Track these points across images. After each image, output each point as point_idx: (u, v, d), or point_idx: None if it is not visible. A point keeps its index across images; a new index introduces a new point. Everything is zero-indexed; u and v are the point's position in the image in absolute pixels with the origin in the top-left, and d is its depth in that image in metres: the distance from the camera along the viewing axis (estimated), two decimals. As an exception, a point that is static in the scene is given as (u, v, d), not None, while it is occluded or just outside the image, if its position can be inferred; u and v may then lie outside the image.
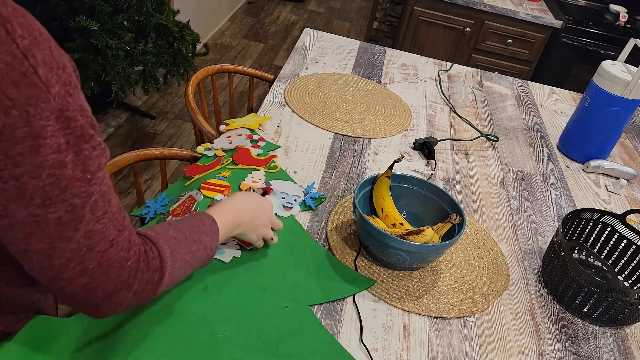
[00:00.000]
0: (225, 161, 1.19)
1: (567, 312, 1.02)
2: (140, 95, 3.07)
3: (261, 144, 1.27)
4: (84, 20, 2.06)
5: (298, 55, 1.80)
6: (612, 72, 1.38)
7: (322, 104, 1.53)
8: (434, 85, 1.79)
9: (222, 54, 3.80)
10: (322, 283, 0.95)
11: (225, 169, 1.16)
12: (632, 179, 1.48)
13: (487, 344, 0.92)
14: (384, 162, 1.34)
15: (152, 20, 2.28)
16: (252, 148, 1.24)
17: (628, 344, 0.98)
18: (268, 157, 1.22)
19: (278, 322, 0.86)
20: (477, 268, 1.07)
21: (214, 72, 1.65)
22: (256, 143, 1.27)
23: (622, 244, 1.13)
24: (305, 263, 0.98)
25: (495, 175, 1.39)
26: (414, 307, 0.95)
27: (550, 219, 1.27)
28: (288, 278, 0.94)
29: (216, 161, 1.19)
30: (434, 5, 2.81)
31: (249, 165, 1.18)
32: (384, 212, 1.09)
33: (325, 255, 1.01)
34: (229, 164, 1.18)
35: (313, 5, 5.09)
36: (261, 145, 1.26)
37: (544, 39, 2.79)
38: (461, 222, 1.00)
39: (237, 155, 1.21)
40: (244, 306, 0.88)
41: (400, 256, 0.95)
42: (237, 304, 0.88)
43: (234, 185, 1.12)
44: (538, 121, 1.71)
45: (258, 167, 1.18)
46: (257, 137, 1.29)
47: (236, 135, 1.29)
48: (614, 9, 2.92)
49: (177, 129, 2.88)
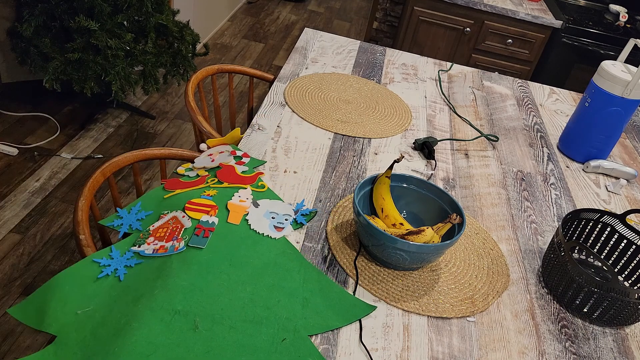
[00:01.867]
0: (210, 180, 1.13)
1: (567, 312, 1.02)
2: (140, 95, 3.07)
3: (245, 160, 1.21)
4: (84, 20, 2.06)
5: (298, 55, 1.80)
6: (612, 72, 1.38)
7: (322, 104, 1.53)
8: (434, 85, 1.79)
9: (222, 54, 3.80)
10: (320, 310, 0.89)
11: (209, 188, 1.11)
12: (632, 179, 1.48)
13: (487, 344, 0.92)
14: (384, 162, 1.34)
15: (152, 20, 2.28)
16: (237, 165, 1.19)
17: (628, 344, 0.98)
18: (254, 175, 1.17)
19: (276, 358, 0.80)
20: (477, 268, 1.07)
21: (214, 72, 1.65)
22: (240, 159, 1.20)
23: (622, 244, 1.13)
24: (300, 288, 0.92)
25: (495, 175, 1.39)
26: (414, 307, 0.95)
27: (550, 219, 1.27)
28: (284, 306, 0.88)
29: (200, 179, 1.14)
30: (434, 5, 2.81)
31: (234, 183, 1.13)
32: (384, 212, 1.09)
33: (321, 277, 0.96)
34: (214, 183, 1.12)
35: (313, 5, 5.09)
36: (245, 161, 1.20)
37: (544, 39, 2.79)
38: (461, 222, 1.00)
39: (221, 173, 1.15)
40: (238, 343, 0.81)
41: (400, 256, 0.95)
42: (232, 342, 0.81)
43: (221, 205, 1.06)
44: (538, 121, 1.71)
45: (244, 185, 1.13)
46: (241, 152, 1.23)
47: (217, 152, 1.22)
48: (614, 9, 2.92)
49: (177, 129, 2.88)
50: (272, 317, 0.86)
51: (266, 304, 0.89)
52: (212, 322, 0.84)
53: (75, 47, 2.14)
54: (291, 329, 0.85)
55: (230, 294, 0.89)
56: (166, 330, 0.81)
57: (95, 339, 0.79)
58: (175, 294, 0.86)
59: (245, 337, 0.83)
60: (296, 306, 0.89)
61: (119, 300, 0.85)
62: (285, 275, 0.94)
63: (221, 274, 0.92)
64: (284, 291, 0.91)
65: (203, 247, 0.94)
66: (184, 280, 0.89)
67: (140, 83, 2.35)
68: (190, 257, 0.93)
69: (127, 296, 0.86)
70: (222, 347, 0.80)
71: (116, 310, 0.83)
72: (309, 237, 1.06)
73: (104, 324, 0.81)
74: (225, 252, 0.96)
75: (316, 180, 1.22)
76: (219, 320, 0.84)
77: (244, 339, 0.82)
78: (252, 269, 0.94)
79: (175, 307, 0.85)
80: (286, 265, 0.96)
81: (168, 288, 0.87)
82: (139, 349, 0.78)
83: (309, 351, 0.83)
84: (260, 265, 0.95)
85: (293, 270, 0.96)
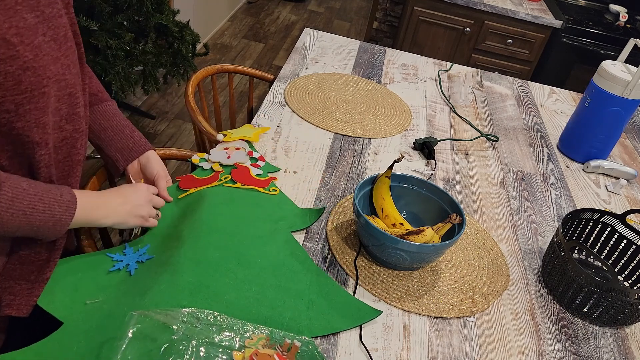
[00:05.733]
0: (223, 177, 1.14)
1: (567, 312, 1.02)
2: (140, 95, 3.07)
3: (261, 163, 1.22)
4: (84, 20, 2.06)
5: (298, 55, 1.80)
6: (612, 72, 1.38)
7: (322, 104, 1.53)
8: (434, 85, 1.79)
9: (222, 54, 3.80)
10: (325, 312, 0.89)
11: (222, 187, 1.12)
12: (632, 179, 1.48)
13: (487, 344, 0.92)
14: (384, 162, 1.34)
15: (152, 20, 2.28)
16: (252, 167, 1.19)
17: (628, 344, 0.98)
18: (268, 179, 1.17)
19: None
20: (477, 268, 1.07)
21: (214, 72, 1.65)
22: (256, 162, 1.22)
23: (622, 244, 1.13)
24: (307, 290, 0.92)
25: (495, 175, 1.39)
26: (414, 307, 0.95)
27: (550, 219, 1.26)
28: (289, 307, 0.88)
29: (213, 176, 1.15)
30: (434, 5, 2.81)
31: (247, 185, 1.14)
32: (384, 212, 1.09)
33: (328, 281, 0.95)
34: (227, 182, 1.13)
35: (313, 5, 5.09)
36: (261, 165, 1.21)
37: (544, 39, 2.79)
38: (461, 222, 1.00)
39: (235, 173, 1.16)
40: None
41: (400, 256, 0.95)
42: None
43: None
44: (538, 121, 1.71)
45: (258, 187, 1.14)
46: (257, 155, 1.24)
47: (234, 148, 1.23)
48: (614, 9, 2.92)
49: (177, 129, 2.88)
50: (276, 317, 0.86)
51: (271, 304, 0.89)
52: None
53: (75, 47, 2.14)
54: (295, 330, 0.85)
55: (236, 292, 0.89)
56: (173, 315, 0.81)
57: (100, 331, 0.79)
58: (182, 290, 0.87)
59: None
60: (301, 307, 0.89)
61: (127, 294, 0.86)
62: (292, 276, 0.95)
63: (228, 272, 0.92)
64: (290, 292, 0.91)
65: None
66: (191, 276, 0.89)
67: (140, 83, 2.34)
68: (200, 255, 0.94)
69: (135, 290, 0.86)
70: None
71: (123, 303, 0.84)
72: (309, 237, 1.06)
73: (110, 316, 0.82)
74: (235, 251, 0.96)
75: (316, 180, 1.22)
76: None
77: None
78: (259, 269, 0.94)
79: (181, 302, 0.85)
80: (294, 267, 0.97)
81: (175, 284, 0.87)
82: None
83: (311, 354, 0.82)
84: (267, 266, 0.95)
85: (300, 272, 0.96)
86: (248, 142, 1.28)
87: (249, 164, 1.20)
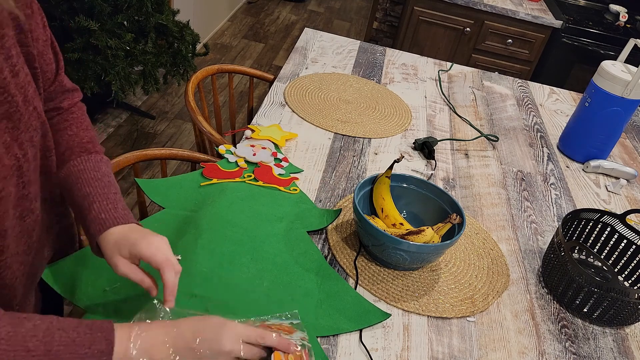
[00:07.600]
0: (246, 175, 1.17)
1: (567, 312, 1.02)
2: (140, 95, 3.07)
3: (284, 164, 1.24)
4: (84, 20, 2.06)
5: (298, 55, 1.80)
6: (612, 72, 1.38)
7: (322, 104, 1.53)
8: (434, 85, 1.79)
9: (222, 54, 3.80)
10: (332, 312, 0.90)
11: (244, 183, 1.14)
12: (632, 179, 1.48)
13: (487, 344, 0.92)
14: (384, 162, 1.34)
15: (152, 20, 2.28)
16: (275, 167, 1.21)
17: (628, 344, 0.98)
18: (289, 179, 1.19)
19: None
20: (477, 268, 1.07)
21: (214, 72, 1.65)
22: (279, 162, 1.24)
23: (622, 244, 1.13)
24: (316, 289, 0.93)
25: (495, 175, 1.39)
26: (414, 307, 0.95)
27: (550, 219, 1.26)
28: (297, 305, 0.90)
29: (237, 171, 1.17)
30: (434, 5, 2.81)
31: (269, 183, 1.15)
32: (384, 212, 1.09)
33: (339, 281, 0.96)
34: (250, 180, 1.15)
35: (313, 5, 5.09)
36: (284, 165, 1.23)
37: (544, 39, 2.79)
38: (461, 222, 1.00)
39: (258, 172, 1.18)
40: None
41: (400, 256, 0.95)
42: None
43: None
44: (538, 121, 1.71)
45: (279, 186, 1.15)
46: (282, 156, 1.26)
47: (260, 147, 1.26)
48: (614, 9, 2.92)
49: (177, 129, 2.88)
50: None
51: (280, 300, 0.90)
52: (224, 310, 0.86)
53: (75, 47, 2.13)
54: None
55: (246, 286, 0.91)
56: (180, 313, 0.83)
57: (117, 316, 0.82)
58: (194, 278, 0.89)
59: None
60: (309, 306, 0.90)
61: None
62: (304, 275, 0.96)
63: (241, 266, 0.94)
64: (299, 290, 0.93)
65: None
66: (205, 266, 0.92)
67: (140, 83, 2.34)
68: (215, 246, 0.96)
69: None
70: None
71: (139, 288, 0.85)
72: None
73: (126, 300, 0.84)
74: (250, 246, 0.99)
75: (316, 180, 1.22)
76: (232, 310, 0.86)
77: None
78: (272, 265, 0.96)
79: (193, 291, 0.87)
80: (306, 265, 0.98)
81: (189, 272, 0.90)
82: None
83: (315, 351, 0.83)
84: (280, 263, 0.97)
85: (312, 271, 0.97)
86: (274, 143, 1.29)
87: (273, 164, 1.22)
